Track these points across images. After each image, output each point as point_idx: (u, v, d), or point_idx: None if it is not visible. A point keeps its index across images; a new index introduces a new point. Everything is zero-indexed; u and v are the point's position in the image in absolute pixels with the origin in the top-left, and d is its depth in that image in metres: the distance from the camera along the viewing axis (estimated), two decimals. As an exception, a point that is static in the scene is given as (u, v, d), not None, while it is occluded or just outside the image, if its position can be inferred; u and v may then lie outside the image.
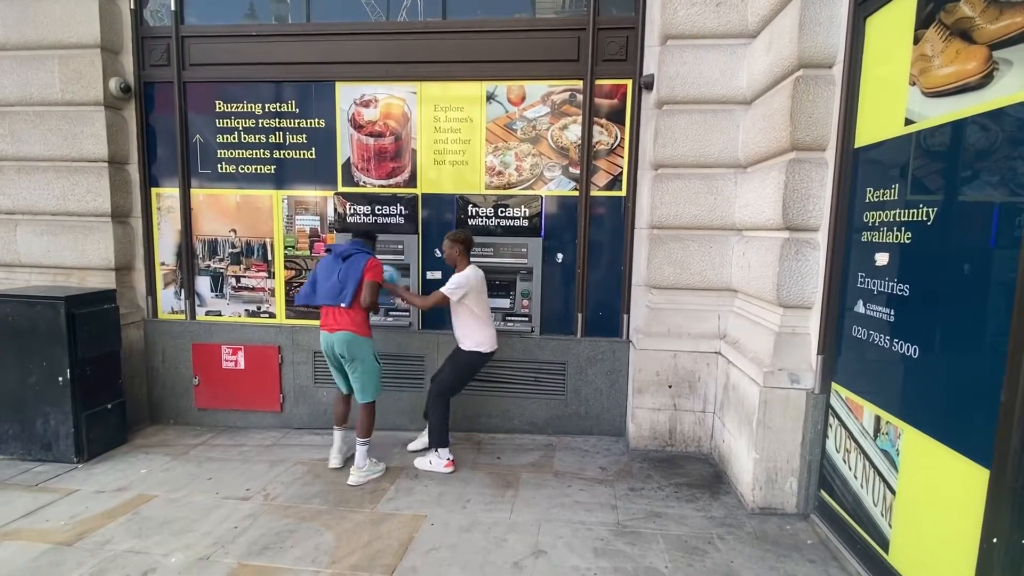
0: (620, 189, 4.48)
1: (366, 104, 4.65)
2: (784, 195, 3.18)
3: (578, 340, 4.62)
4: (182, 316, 5.00)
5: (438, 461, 3.95)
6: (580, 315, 4.61)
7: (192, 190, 4.90)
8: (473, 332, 3.92)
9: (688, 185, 4.09)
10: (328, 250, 4.09)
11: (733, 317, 4.10)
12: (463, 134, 4.58)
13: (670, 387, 4.23)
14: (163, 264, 5.03)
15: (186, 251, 4.93)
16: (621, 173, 4.46)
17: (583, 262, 4.54)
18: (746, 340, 3.73)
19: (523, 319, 4.64)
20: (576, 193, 4.50)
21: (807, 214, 3.17)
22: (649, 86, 4.21)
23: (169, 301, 5.04)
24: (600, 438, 4.62)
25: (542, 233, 4.56)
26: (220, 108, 4.80)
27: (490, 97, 4.50)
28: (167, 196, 4.94)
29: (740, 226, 4.02)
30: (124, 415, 4.53)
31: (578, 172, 4.48)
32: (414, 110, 4.60)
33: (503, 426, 4.73)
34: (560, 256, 4.59)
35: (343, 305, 3.69)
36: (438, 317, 4.68)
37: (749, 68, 3.85)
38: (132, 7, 4.73)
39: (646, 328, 4.27)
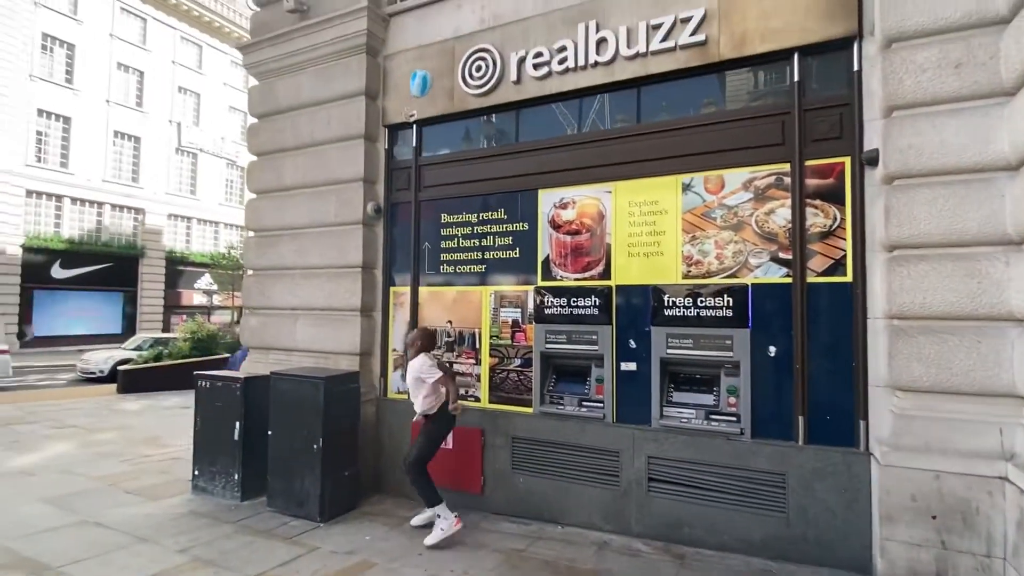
0: (844, 274, 3.97)
1: (564, 206, 5.04)
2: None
3: (800, 448, 4.01)
4: (406, 396, 5.70)
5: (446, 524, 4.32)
6: (801, 418, 4.03)
7: (420, 288, 5.75)
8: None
9: (937, 268, 3.45)
10: None
11: (1025, 433, 3.17)
12: (657, 226, 4.62)
13: (934, 518, 3.35)
14: (394, 350, 5.88)
15: (411, 340, 5.71)
16: (844, 257, 3.97)
17: (802, 356, 4.04)
18: (1053, 466, 2.82)
19: (730, 419, 4.23)
20: (789, 280, 4.12)
21: None
22: (873, 162, 3.79)
23: (396, 382, 5.82)
24: (835, 572, 3.80)
25: (749, 323, 4.22)
26: (444, 219, 5.66)
27: (686, 188, 4.52)
28: (401, 293, 5.88)
29: (1021, 315, 3.20)
30: (357, 482, 5.21)
31: (790, 257, 4.12)
32: (608, 207, 4.83)
33: (710, 540, 4.21)
34: (772, 349, 4.16)
35: None
36: (634, 409, 4.54)
37: (1011, 129, 3.23)
38: (386, 147, 6.01)
39: (894, 440, 3.53)
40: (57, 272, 22.48)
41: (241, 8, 30.53)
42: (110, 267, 24.10)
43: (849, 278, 3.96)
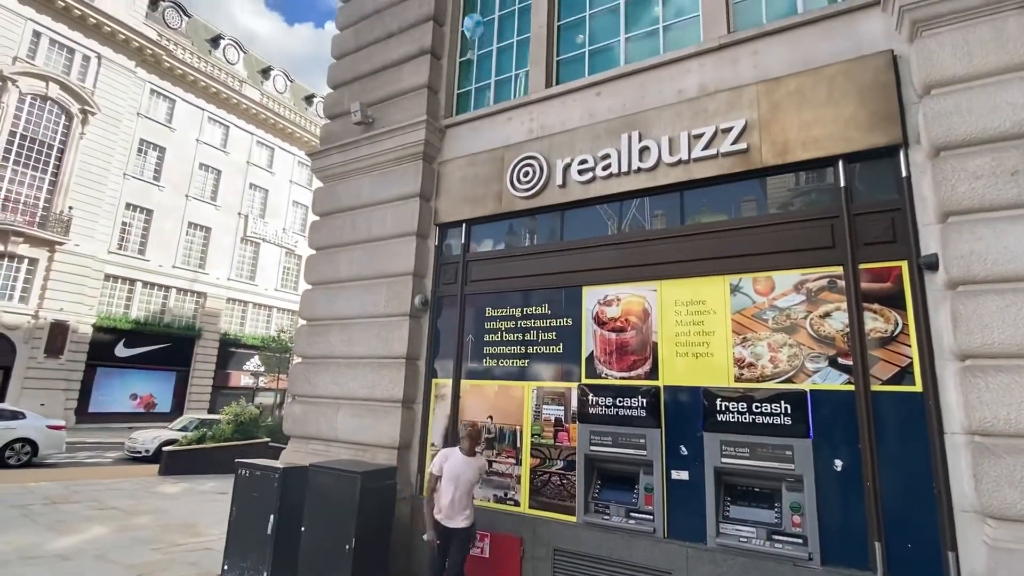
0: (912, 384, 3.72)
1: (608, 303, 5.05)
2: None
3: (879, 579, 3.56)
4: (441, 496, 5.49)
5: None
6: (878, 544, 3.61)
7: (462, 381, 5.72)
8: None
9: (1019, 380, 3.19)
10: None
11: None
12: (706, 326, 4.53)
13: None
14: (432, 445, 5.76)
15: (452, 434, 5.60)
16: (910, 364, 3.75)
17: (872, 473, 3.70)
18: None
19: (795, 540, 3.84)
20: (851, 387, 3.88)
21: None
22: (932, 266, 3.67)
23: (433, 480, 5.64)
24: None
25: (810, 433, 3.95)
26: (488, 313, 5.75)
27: (734, 289, 4.46)
28: (442, 386, 5.86)
29: None
30: (386, 590, 4.91)
31: (850, 363, 3.92)
32: (654, 305, 4.80)
33: None
34: (839, 463, 3.83)
35: None
36: (687, 523, 4.20)
37: (1084, 236, 3.10)
38: (436, 244, 6.29)
39: (991, 577, 3.09)
40: (120, 351, 23.73)
41: (311, 116, 34.00)
42: (168, 347, 25.28)
43: (919, 388, 3.69)
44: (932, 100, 3.75)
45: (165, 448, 13.62)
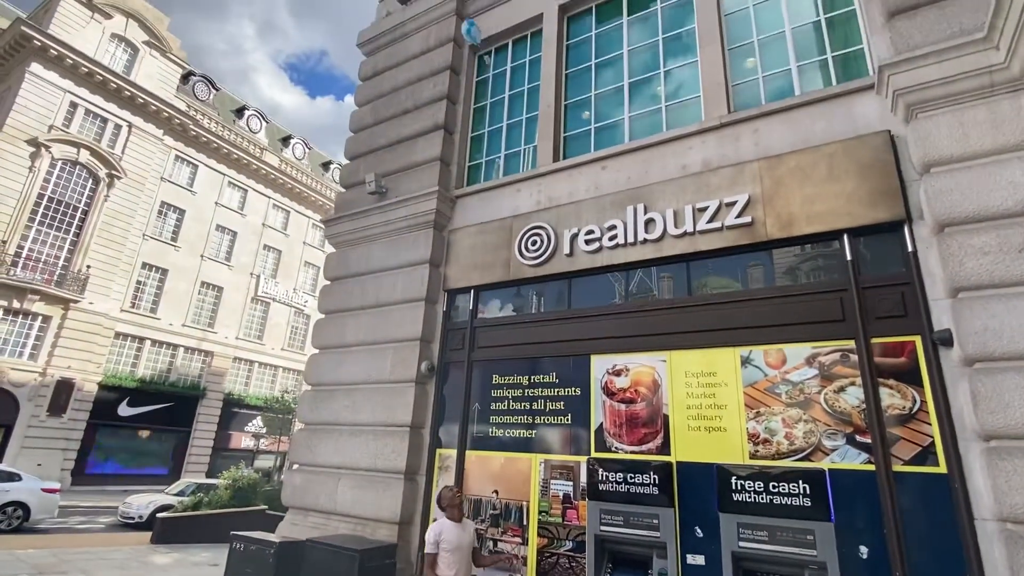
0: (936, 464, 3.57)
1: (617, 373, 4.97)
2: None
3: None
4: None
5: None
6: (913, 644, 3.34)
7: (467, 451, 5.57)
8: None
9: (1049, 464, 3.05)
10: None
11: None
12: (718, 399, 4.43)
13: None
14: (434, 520, 5.52)
15: (454, 509, 5.37)
16: (932, 444, 3.61)
17: (901, 561, 3.48)
18: None
19: (822, 637, 3.56)
20: (871, 467, 3.72)
21: None
22: (946, 342, 3.61)
23: (434, 559, 5.35)
24: None
25: (831, 516, 3.75)
26: (495, 380, 5.67)
27: (745, 361, 4.40)
28: (447, 456, 5.70)
29: None
30: None
31: (869, 441, 3.78)
32: (664, 376, 4.72)
33: None
34: (864, 550, 3.62)
35: None
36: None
37: (1100, 315, 3.06)
38: (444, 309, 6.32)
39: None
40: (123, 410, 23.46)
41: (327, 181, 35.23)
42: (171, 406, 25.00)
43: (943, 469, 3.54)
44: (932, 178, 3.83)
45: (159, 515, 13.16)
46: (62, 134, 21.95)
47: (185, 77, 28.46)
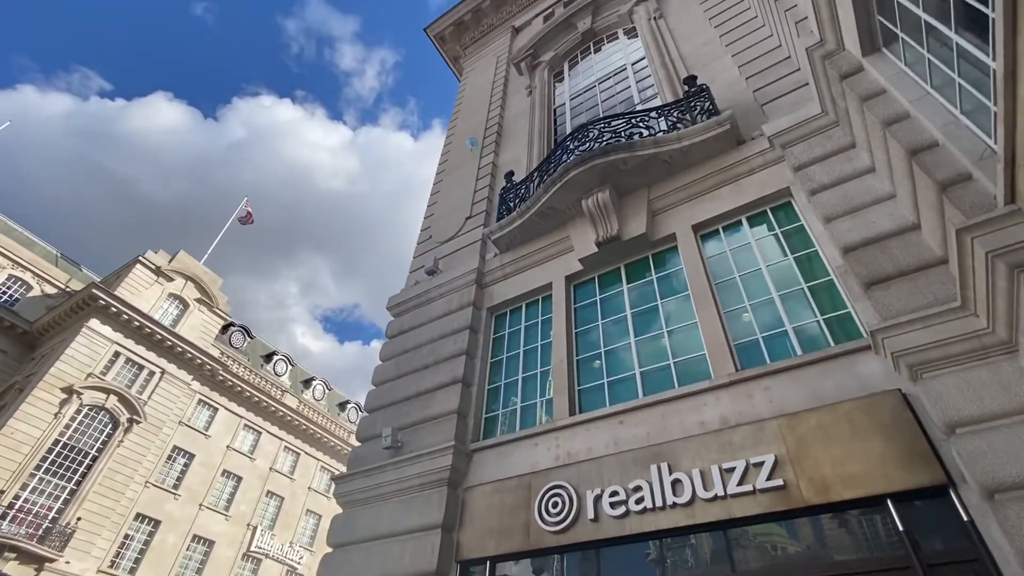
0: None
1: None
2: None
3: None
4: None
5: None
6: None
7: None
8: None
9: None
10: None
11: None
12: None
13: None
14: None
15: None
16: None
17: None
18: None
19: None
20: None
21: None
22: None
23: None
24: None
25: None
26: None
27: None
28: None
29: None
30: None
31: None
32: None
33: None
34: None
35: None
36: None
37: None
38: None
39: None
40: None
41: (342, 421, 35.23)
42: None
43: None
44: (961, 440, 3.73)
45: None
46: (97, 381, 23.03)
47: (225, 327, 31.07)
